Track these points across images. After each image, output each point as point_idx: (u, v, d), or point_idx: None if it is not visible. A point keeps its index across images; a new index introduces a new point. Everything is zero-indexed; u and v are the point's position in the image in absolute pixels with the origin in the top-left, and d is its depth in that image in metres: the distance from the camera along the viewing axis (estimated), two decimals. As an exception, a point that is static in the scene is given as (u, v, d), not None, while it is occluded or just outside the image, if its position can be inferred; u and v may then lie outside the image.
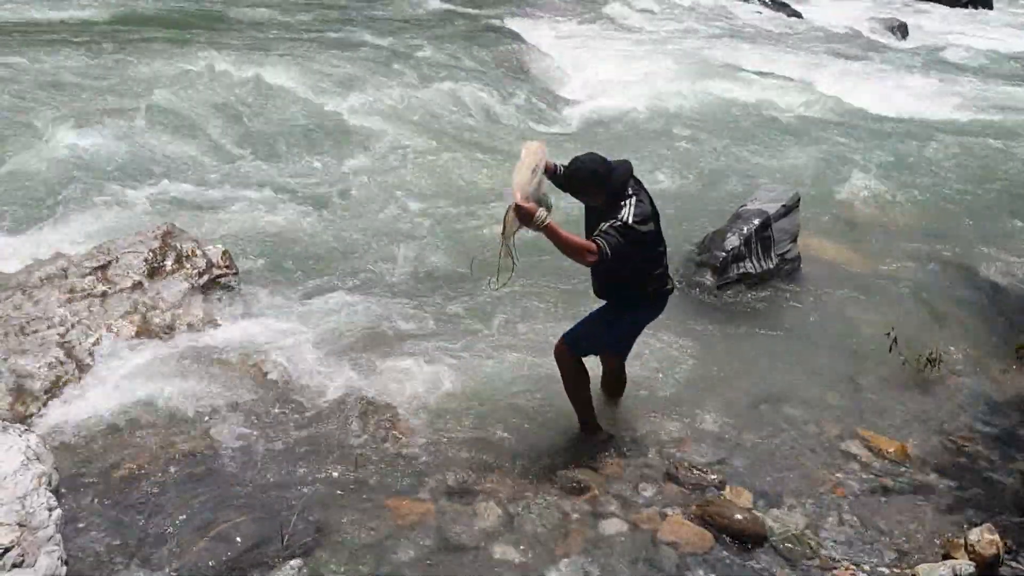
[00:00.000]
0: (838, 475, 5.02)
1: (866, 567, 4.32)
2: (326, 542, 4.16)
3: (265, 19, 14.50)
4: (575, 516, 4.55)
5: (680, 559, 4.30)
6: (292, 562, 3.96)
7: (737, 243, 7.09)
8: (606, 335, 4.95)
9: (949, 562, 4.29)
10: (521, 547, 4.30)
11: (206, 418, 4.88)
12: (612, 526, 4.51)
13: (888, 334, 5.90)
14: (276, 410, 5.03)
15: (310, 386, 5.30)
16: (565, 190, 4.75)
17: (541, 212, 4.26)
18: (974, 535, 4.37)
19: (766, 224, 7.28)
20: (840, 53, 17.08)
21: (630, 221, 4.42)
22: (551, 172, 4.64)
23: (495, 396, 5.41)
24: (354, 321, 6.07)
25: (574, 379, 4.99)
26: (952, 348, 6.36)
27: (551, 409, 5.31)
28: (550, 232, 4.27)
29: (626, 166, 4.62)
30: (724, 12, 20.26)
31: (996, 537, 4.35)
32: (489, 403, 5.35)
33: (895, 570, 4.32)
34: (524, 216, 4.27)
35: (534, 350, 5.84)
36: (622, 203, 4.49)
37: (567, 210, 5.26)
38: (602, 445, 5.09)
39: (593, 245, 4.34)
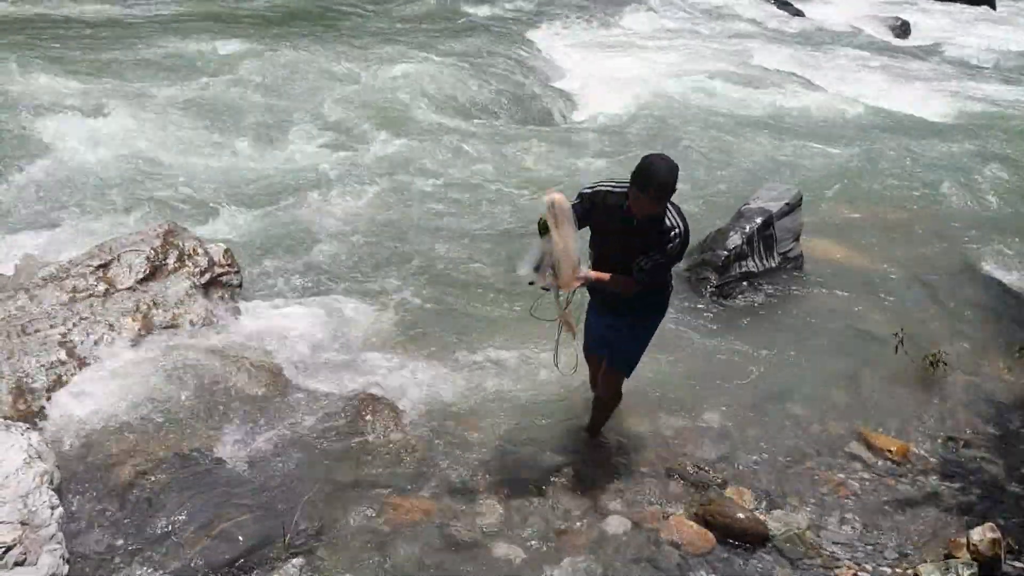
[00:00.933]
0: (840, 475, 5.02)
1: (868, 567, 4.32)
2: (328, 540, 4.16)
3: (264, 15, 14.49)
4: (577, 514, 4.56)
5: (682, 559, 4.31)
6: (294, 561, 3.97)
7: (739, 242, 7.07)
8: (645, 345, 4.77)
9: (951, 562, 4.30)
10: (523, 545, 4.32)
11: (208, 417, 4.86)
12: (615, 525, 4.51)
13: (896, 334, 5.89)
14: (278, 408, 5.02)
15: (312, 384, 5.30)
16: (590, 216, 4.33)
17: (586, 272, 4.22)
18: (976, 535, 4.37)
19: (768, 223, 7.27)
20: (842, 51, 17.03)
21: (676, 251, 4.23)
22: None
23: (499, 396, 5.42)
24: (357, 319, 6.08)
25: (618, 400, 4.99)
26: (956, 348, 6.33)
27: (555, 408, 5.32)
28: (596, 281, 4.31)
29: None
30: (726, 10, 20.19)
31: (998, 536, 4.35)
32: (493, 403, 5.35)
33: (897, 570, 4.33)
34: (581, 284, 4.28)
35: (540, 351, 5.83)
36: (667, 215, 4.17)
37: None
38: (606, 444, 5.09)
39: (632, 282, 4.26)
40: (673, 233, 4.14)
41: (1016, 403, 5.82)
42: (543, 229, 4.10)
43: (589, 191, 4.32)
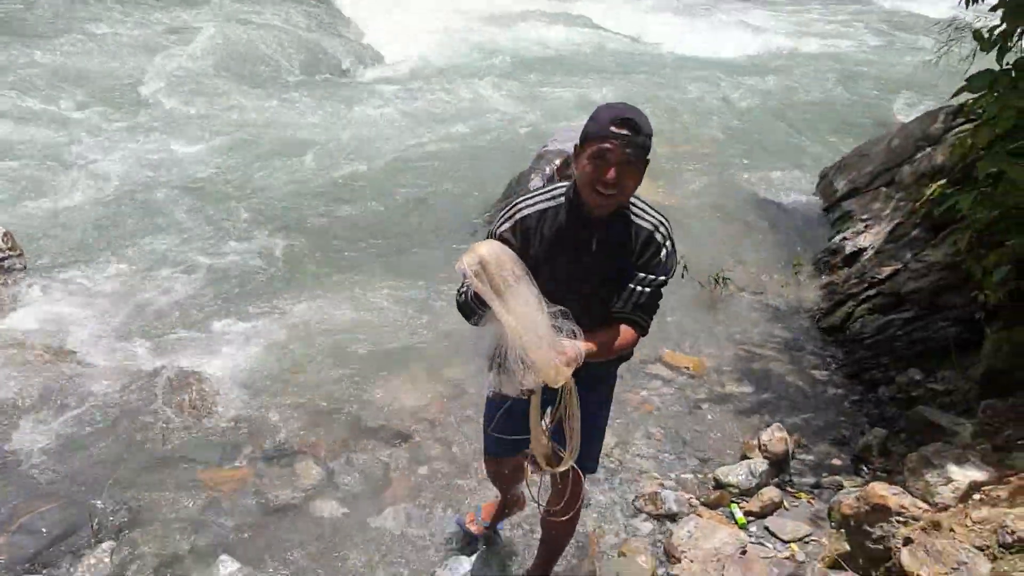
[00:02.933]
0: (643, 394, 5.28)
1: (672, 475, 4.59)
2: (138, 521, 4.04)
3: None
4: (398, 464, 4.61)
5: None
6: (103, 545, 3.84)
7: (540, 183, 7.24)
8: None
9: (745, 462, 4.62)
10: (344, 501, 4.33)
11: (-2, 409, 4.61)
12: (434, 469, 4.58)
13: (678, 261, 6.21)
14: (75, 392, 4.81)
15: (110, 365, 5.10)
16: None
17: (576, 348, 2.58)
18: (766, 435, 4.71)
19: (567, 162, 7.47)
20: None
21: (673, 261, 2.81)
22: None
23: (308, 362, 5.37)
24: (154, 296, 5.88)
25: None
26: (742, 267, 6.77)
27: (368, 370, 5.31)
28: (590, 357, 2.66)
29: None
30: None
31: (785, 435, 4.70)
32: (303, 369, 5.31)
33: (698, 475, 4.61)
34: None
35: (350, 315, 5.84)
36: (633, 210, 2.74)
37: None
38: (422, 395, 5.13)
39: (630, 332, 2.82)
40: (660, 232, 2.74)
41: (794, 311, 6.28)
42: (471, 308, 2.67)
43: (507, 223, 2.73)
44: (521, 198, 2.76)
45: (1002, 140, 4.69)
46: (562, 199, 2.70)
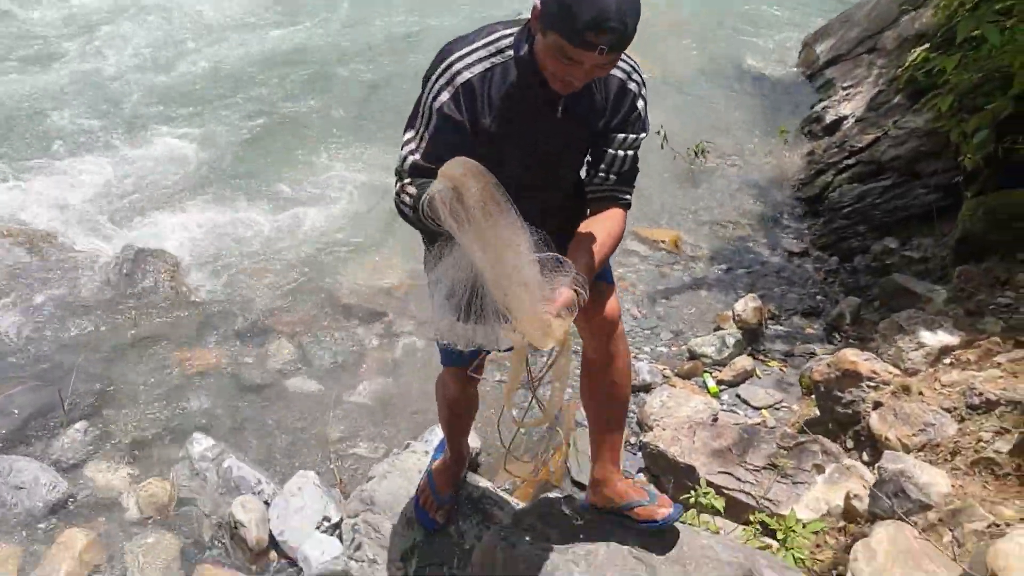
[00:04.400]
0: (619, 271, 5.23)
1: (646, 349, 4.60)
2: (112, 400, 4.04)
3: None
4: (372, 342, 4.60)
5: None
6: (77, 425, 3.84)
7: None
8: None
9: (719, 333, 4.63)
10: (319, 378, 4.34)
11: (-38, 293, 4.55)
12: (407, 345, 4.59)
13: (658, 132, 6.09)
14: (43, 274, 4.74)
15: (78, 246, 5.04)
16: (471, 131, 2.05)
17: (569, 292, 1.91)
18: (739, 306, 4.71)
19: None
20: None
21: (645, 113, 2.23)
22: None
23: (280, 242, 5.31)
24: (123, 179, 5.78)
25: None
26: (721, 139, 6.64)
27: (341, 249, 5.27)
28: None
29: None
30: None
31: (759, 305, 4.70)
32: (275, 249, 5.25)
33: (672, 348, 4.63)
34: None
35: (321, 195, 5.74)
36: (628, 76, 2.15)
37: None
38: (396, 274, 5.08)
39: (622, 218, 2.29)
40: (633, 80, 2.16)
41: (773, 182, 6.20)
42: (431, 232, 1.99)
43: (446, 93, 2.03)
44: (454, 56, 2.04)
45: (988, 1, 4.55)
46: (510, 54, 2.05)
